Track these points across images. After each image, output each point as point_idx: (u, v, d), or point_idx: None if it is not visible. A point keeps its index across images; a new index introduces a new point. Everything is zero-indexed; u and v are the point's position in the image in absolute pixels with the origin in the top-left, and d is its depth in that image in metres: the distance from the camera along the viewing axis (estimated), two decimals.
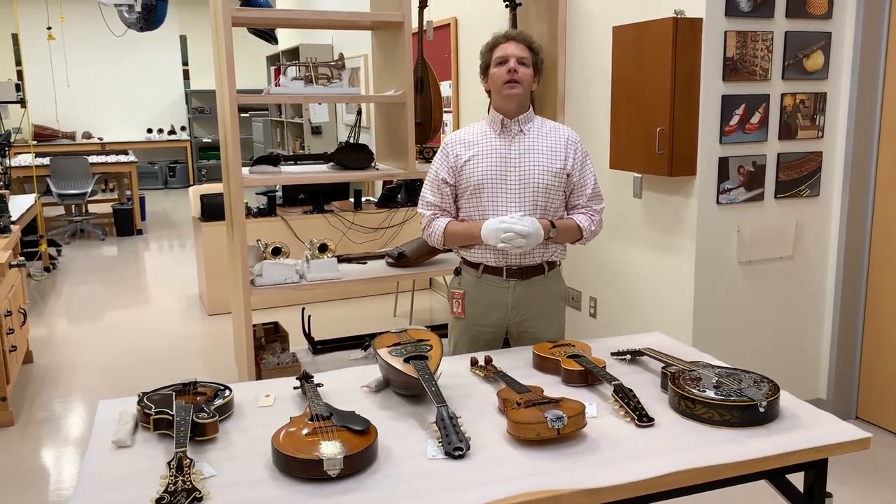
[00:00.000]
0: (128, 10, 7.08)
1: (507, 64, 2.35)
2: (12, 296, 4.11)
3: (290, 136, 9.49)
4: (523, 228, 2.25)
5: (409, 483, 1.53)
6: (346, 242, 5.63)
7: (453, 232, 2.44)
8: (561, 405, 1.73)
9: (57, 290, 6.39)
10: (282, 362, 4.00)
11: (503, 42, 2.40)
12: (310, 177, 3.73)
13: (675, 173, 3.18)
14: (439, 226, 2.46)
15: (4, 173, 6.52)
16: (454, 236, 2.45)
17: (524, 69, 2.36)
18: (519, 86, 2.35)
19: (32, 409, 3.96)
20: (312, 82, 3.70)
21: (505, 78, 2.35)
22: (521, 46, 2.38)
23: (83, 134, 12.37)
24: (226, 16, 3.33)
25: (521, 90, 2.36)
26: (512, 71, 2.34)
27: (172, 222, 9.63)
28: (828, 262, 3.51)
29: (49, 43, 11.66)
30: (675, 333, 3.40)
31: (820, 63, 3.30)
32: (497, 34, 2.43)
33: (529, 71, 2.38)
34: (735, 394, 1.80)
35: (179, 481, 1.47)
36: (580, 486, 1.52)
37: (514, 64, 2.35)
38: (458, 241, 2.46)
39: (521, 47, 2.38)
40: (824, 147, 3.40)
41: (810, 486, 1.79)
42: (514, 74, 2.34)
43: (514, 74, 2.34)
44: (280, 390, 2.04)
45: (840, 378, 3.53)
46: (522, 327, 2.49)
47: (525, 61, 2.37)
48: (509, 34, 2.41)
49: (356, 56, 7.16)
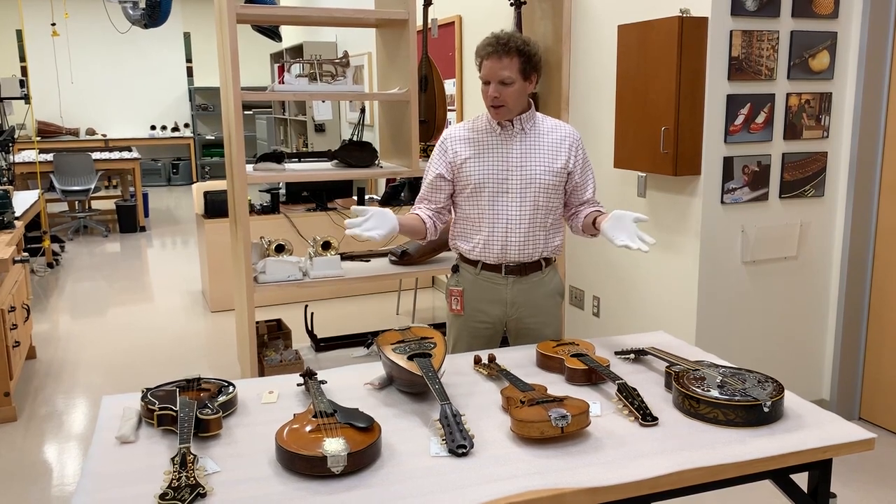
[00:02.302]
0: (132, 6, 7.09)
1: (489, 88, 2.30)
2: (16, 291, 4.12)
3: (293, 133, 9.49)
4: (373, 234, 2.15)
5: (412, 480, 1.53)
6: (349, 240, 5.63)
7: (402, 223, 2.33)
8: (565, 404, 1.73)
9: (60, 286, 6.39)
10: (284, 360, 4.00)
11: (485, 58, 2.30)
12: (313, 174, 3.73)
13: (679, 173, 3.17)
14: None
15: (8, 169, 6.53)
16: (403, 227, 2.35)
17: (507, 89, 2.28)
18: (503, 108, 2.31)
19: (35, 405, 3.96)
20: (316, 80, 3.70)
21: (488, 102, 2.32)
22: (503, 61, 2.27)
23: (87, 130, 12.39)
24: (231, 12, 3.32)
25: (507, 110, 2.32)
26: (492, 98, 2.30)
27: (175, 219, 9.63)
28: (832, 262, 3.50)
29: (53, 39, 11.67)
30: (678, 333, 3.40)
31: (825, 63, 3.29)
32: (485, 41, 2.32)
33: (513, 89, 2.29)
34: (739, 393, 1.79)
35: (183, 477, 1.47)
36: (584, 485, 1.52)
37: (493, 90, 2.29)
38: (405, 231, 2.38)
39: (503, 62, 2.27)
40: (829, 147, 3.39)
41: (814, 487, 1.78)
42: (495, 101, 2.30)
43: (495, 101, 2.30)
44: (283, 387, 2.04)
45: (843, 379, 3.53)
46: (521, 324, 2.49)
47: (508, 80, 2.27)
48: (490, 48, 2.29)
49: (360, 54, 7.16)
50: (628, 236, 2.19)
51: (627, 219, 2.22)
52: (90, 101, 12.46)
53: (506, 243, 2.39)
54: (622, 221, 2.22)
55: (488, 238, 2.40)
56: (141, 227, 8.83)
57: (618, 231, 2.22)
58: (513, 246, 2.40)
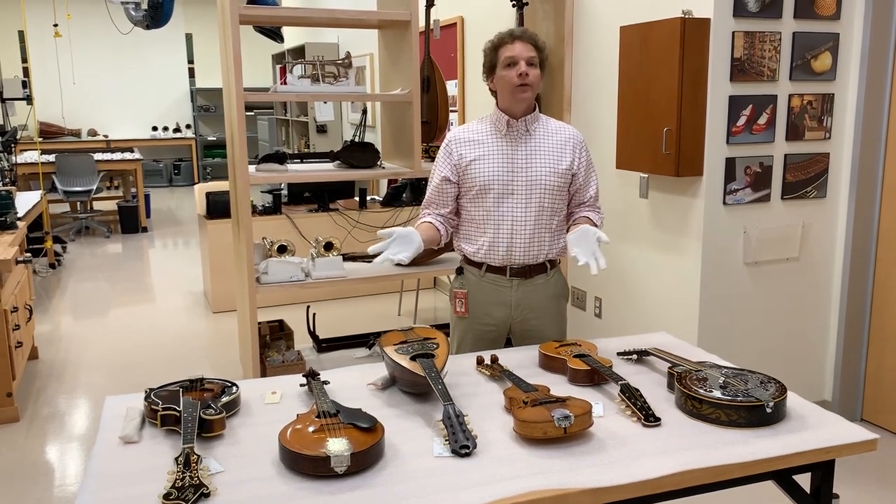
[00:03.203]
0: (134, 7, 7.10)
1: (518, 66, 2.29)
2: (18, 292, 4.12)
3: (295, 134, 9.49)
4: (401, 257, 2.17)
5: (415, 480, 1.53)
6: (351, 241, 5.63)
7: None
8: (567, 404, 1.73)
9: (62, 286, 6.40)
10: (286, 360, 4.00)
11: (510, 42, 2.32)
12: (316, 175, 3.73)
13: (681, 174, 3.17)
14: (416, 224, 2.41)
15: (10, 170, 6.53)
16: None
17: (534, 70, 2.31)
18: (530, 88, 2.31)
19: (38, 405, 3.97)
20: (319, 81, 3.70)
21: (516, 81, 2.29)
22: (528, 46, 2.31)
23: (89, 131, 12.40)
24: (233, 14, 3.33)
25: (532, 92, 2.33)
26: (523, 74, 2.28)
27: (177, 220, 9.64)
28: (834, 263, 3.50)
29: (55, 40, 11.68)
30: (680, 334, 3.40)
31: (828, 64, 3.29)
32: (502, 33, 2.35)
33: (538, 71, 2.33)
34: (742, 394, 1.80)
35: (187, 477, 1.47)
36: (586, 486, 1.52)
37: (524, 67, 2.28)
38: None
39: (528, 47, 2.31)
40: (831, 148, 3.39)
41: (817, 487, 1.78)
42: (525, 78, 2.28)
43: (525, 78, 2.28)
44: (286, 388, 2.05)
45: (846, 380, 3.53)
46: (525, 326, 2.49)
47: (534, 62, 2.31)
48: (515, 33, 2.33)
49: (362, 55, 7.16)
50: (584, 253, 2.21)
51: (591, 235, 2.23)
52: (92, 102, 12.47)
53: (511, 245, 2.39)
54: (586, 236, 2.24)
55: (493, 240, 2.40)
56: (143, 227, 8.84)
57: (578, 246, 2.23)
58: (518, 248, 2.40)
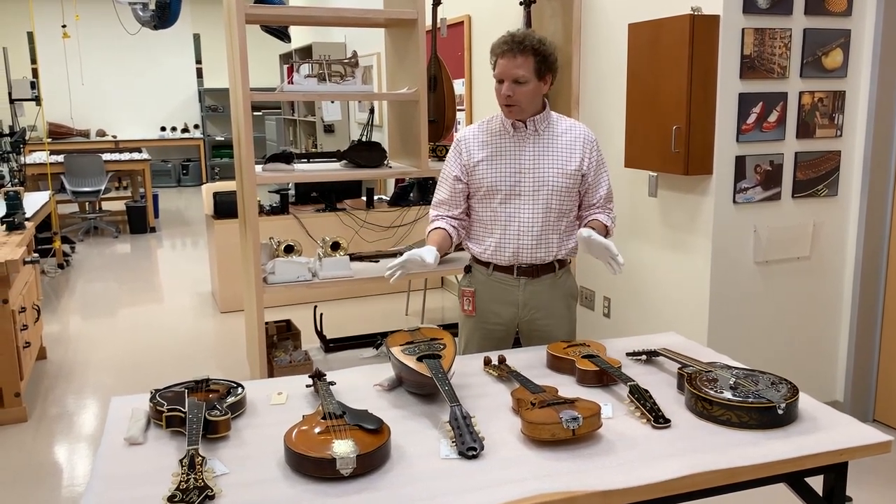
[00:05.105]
0: (142, 8, 7.11)
1: (502, 86, 2.28)
2: (26, 292, 4.13)
3: (302, 134, 9.50)
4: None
5: (422, 483, 1.52)
6: (359, 241, 5.62)
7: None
8: (576, 405, 1.71)
9: (70, 286, 6.42)
10: (294, 360, 4.00)
11: (500, 56, 2.28)
12: (323, 175, 3.72)
13: (691, 172, 3.14)
14: (429, 230, 2.46)
15: (19, 170, 6.56)
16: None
17: (521, 88, 2.26)
18: (516, 107, 2.29)
19: (46, 406, 3.97)
20: (325, 80, 3.69)
21: (501, 101, 2.30)
22: (517, 60, 2.24)
23: (97, 132, 12.45)
24: (240, 13, 3.32)
25: (519, 109, 2.30)
26: (505, 97, 2.27)
27: (185, 220, 9.66)
28: (845, 262, 3.47)
29: (64, 41, 11.72)
30: (689, 334, 3.37)
31: (839, 61, 3.26)
32: (498, 41, 2.30)
33: (527, 88, 2.26)
34: (753, 395, 1.77)
35: (191, 479, 1.46)
36: (595, 488, 1.50)
37: (507, 89, 2.26)
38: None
39: (517, 61, 2.24)
40: (843, 146, 3.36)
41: (830, 490, 1.76)
42: (508, 99, 2.28)
43: (508, 99, 2.28)
44: (292, 388, 2.03)
45: (857, 380, 3.49)
46: (533, 325, 2.47)
47: (522, 79, 2.25)
48: (505, 46, 2.27)
49: (369, 54, 7.16)
50: (601, 260, 2.25)
51: (596, 247, 2.22)
52: (100, 103, 12.52)
53: (518, 246, 2.38)
54: (590, 247, 2.23)
55: (500, 241, 2.39)
56: (151, 227, 8.86)
57: (590, 253, 2.26)
58: (525, 249, 2.38)
